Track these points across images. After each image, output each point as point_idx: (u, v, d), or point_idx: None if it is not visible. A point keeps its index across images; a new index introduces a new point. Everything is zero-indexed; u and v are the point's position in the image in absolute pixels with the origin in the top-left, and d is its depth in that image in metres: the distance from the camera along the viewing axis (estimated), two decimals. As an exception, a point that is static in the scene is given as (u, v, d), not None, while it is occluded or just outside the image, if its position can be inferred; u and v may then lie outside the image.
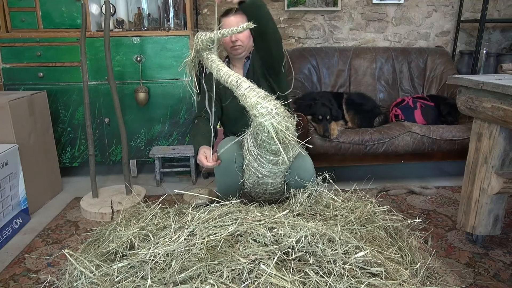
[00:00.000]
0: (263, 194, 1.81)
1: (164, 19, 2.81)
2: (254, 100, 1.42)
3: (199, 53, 1.61)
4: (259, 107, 1.41)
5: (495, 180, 1.71)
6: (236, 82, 1.48)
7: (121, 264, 1.28)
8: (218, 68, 1.54)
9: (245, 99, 1.44)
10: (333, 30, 3.33)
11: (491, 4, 3.32)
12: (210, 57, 1.58)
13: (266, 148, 1.56)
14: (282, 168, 1.69)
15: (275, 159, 1.60)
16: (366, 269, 1.25)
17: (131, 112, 2.72)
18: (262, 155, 1.62)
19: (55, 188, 2.58)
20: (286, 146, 1.54)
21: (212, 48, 1.59)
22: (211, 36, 1.53)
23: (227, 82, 1.51)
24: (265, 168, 1.67)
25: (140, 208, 1.74)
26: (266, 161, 1.64)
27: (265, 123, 1.42)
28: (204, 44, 1.55)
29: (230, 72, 1.51)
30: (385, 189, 2.55)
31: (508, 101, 1.53)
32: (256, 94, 1.43)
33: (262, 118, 1.41)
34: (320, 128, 2.43)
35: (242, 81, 1.47)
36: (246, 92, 1.44)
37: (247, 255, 1.23)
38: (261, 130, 1.48)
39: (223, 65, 1.56)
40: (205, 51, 1.59)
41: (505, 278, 1.66)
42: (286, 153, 1.56)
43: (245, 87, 1.45)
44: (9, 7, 2.63)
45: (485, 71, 3.21)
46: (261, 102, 1.41)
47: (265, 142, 1.52)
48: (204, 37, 1.54)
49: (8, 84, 2.62)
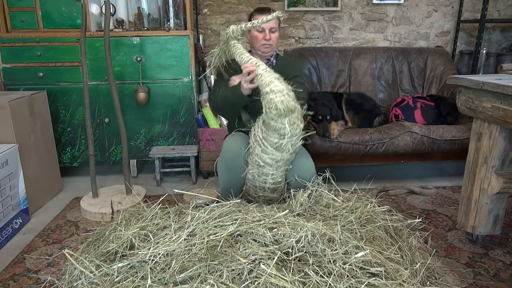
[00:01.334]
0: (262, 189, 1.80)
1: (164, 19, 2.81)
2: (269, 79, 1.58)
3: (228, 42, 1.84)
4: (272, 85, 1.56)
5: (495, 180, 1.71)
6: (256, 63, 1.67)
7: (121, 264, 1.27)
8: (241, 52, 1.76)
9: (261, 78, 1.61)
10: (333, 30, 3.33)
11: (491, 4, 3.32)
12: (236, 45, 1.82)
13: (274, 127, 1.62)
14: (285, 157, 1.70)
15: (280, 142, 1.65)
16: (366, 269, 1.25)
17: (131, 112, 2.72)
18: (267, 138, 1.66)
19: (55, 188, 2.58)
20: (292, 128, 1.61)
21: (240, 39, 1.84)
22: (241, 27, 1.78)
23: (248, 63, 1.70)
24: (268, 154, 1.69)
25: (140, 208, 1.74)
26: (270, 145, 1.67)
27: (276, 99, 1.54)
28: (234, 34, 1.81)
29: (251, 57, 1.72)
30: (385, 189, 2.55)
31: (508, 101, 1.53)
32: (272, 74, 1.61)
33: (273, 94, 1.55)
34: (320, 128, 2.43)
35: (261, 63, 1.67)
36: (263, 72, 1.62)
37: (247, 255, 1.23)
38: (270, 107, 1.57)
39: (245, 51, 1.78)
40: (233, 40, 1.83)
41: (505, 278, 1.66)
42: (290, 137, 1.63)
43: (262, 68, 1.64)
44: (9, 7, 2.63)
45: (485, 71, 3.21)
46: (275, 81, 1.58)
47: (272, 120, 1.60)
48: (235, 27, 1.80)
49: (8, 84, 2.62)
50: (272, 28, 1.94)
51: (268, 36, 1.93)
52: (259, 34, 1.93)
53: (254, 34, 1.95)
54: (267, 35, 1.92)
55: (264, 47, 1.95)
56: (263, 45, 1.95)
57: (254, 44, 1.98)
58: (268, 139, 1.66)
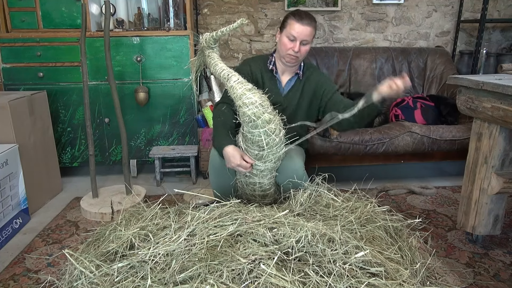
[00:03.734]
0: (252, 196, 1.80)
1: (164, 19, 2.81)
2: (240, 91, 1.52)
3: (203, 52, 1.75)
4: (244, 98, 1.51)
5: (495, 180, 1.71)
6: (227, 75, 1.58)
7: (121, 264, 1.27)
8: (215, 63, 1.66)
9: (233, 91, 1.54)
10: (333, 30, 3.33)
11: (491, 4, 3.32)
12: (210, 55, 1.70)
13: (251, 140, 1.59)
14: (269, 166, 1.68)
15: (260, 153, 1.62)
16: (366, 269, 1.25)
17: (131, 112, 2.72)
18: (248, 149, 1.64)
19: (55, 188, 2.58)
20: (270, 140, 1.57)
21: (214, 47, 1.73)
22: (213, 35, 1.67)
23: (220, 75, 1.62)
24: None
25: (140, 208, 1.74)
26: (253, 156, 1.65)
27: (248, 112, 1.50)
28: (207, 43, 1.70)
29: (224, 67, 1.62)
30: (385, 189, 2.55)
31: (508, 101, 1.53)
32: (243, 86, 1.53)
33: (246, 108, 1.50)
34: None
35: (233, 75, 1.58)
36: (234, 84, 1.54)
37: (247, 255, 1.23)
38: (245, 120, 1.54)
39: (220, 61, 1.67)
40: (208, 50, 1.72)
41: (505, 278, 1.66)
42: (270, 147, 1.59)
43: (234, 80, 1.55)
44: (9, 7, 2.63)
45: (485, 71, 3.21)
46: (246, 93, 1.51)
47: (249, 133, 1.57)
48: (208, 36, 1.69)
49: (8, 84, 2.62)
50: (305, 40, 1.72)
51: (297, 48, 1.71)
52: (288, 42, 1.73)
53: (283, 39, 1.74)
54: (296, 47, 1.71)
55: (289, 57, 1.76)
56: (289, 55, 1.75)
57: (281, 50, 1.78)
58: (249, 151, 1.64)
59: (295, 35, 1.71)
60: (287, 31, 1.74)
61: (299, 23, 1.70)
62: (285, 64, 1.83)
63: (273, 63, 1.87)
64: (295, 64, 1.83)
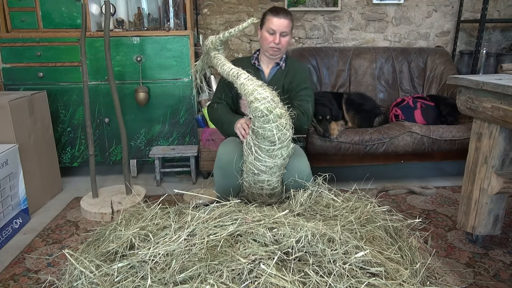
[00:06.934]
0: (260, 195, 1.81)
1: (164, 19, 2.81)
2: (252, 88, 1.56)
3: (208, 54, 1.82)
4: (256, 93, 1.55)
5: (495, 180, 1.71)
6: (236, 73, 1.63)
7: (121, 264, 1.27)
8: (222, 64, 1.72)
9: (244, 87, 1.58)
10: (333, 30, 3.33)
11: (491, 4, 3.32)
12: (217, 56, 1.78)
13: (262, 135, 1.61)
14: (278, 163, 1.70)
15: (271, 148, 1.64)
16: (366, 269, 1.25)
17: (131, 112, 2.72)
18: (259, 145, 1.66)
19: (55, 188, 2.58)
20: (281, 134, 1.60)
21: (219, 49, 1.82)
22: (219, 37, 1.75)
23: (229, 74, 1.66)
24: (261, 161, 1.69)
25: (140, 208, 1.74)
26: (263, 153, 1.67)
27: (261, 107, 1.53)
28: (213, 45, 1.78)
29: (232, 67, 1.68)
30: (385, 189, 2.55)
31: (508, 101, 1.53)
32: (254, 82, 1.58)
33: (258, 102, 1.53)
34: (320, 128, 2.43)
35: (242, 73, 1.62)
36: (244, 81, 1.59)
37: (247, 255, 1.23)
38: (257, 115, 1.57)
39: (227, 61, 1.73)
40: (213, 51, 1.80)
41: (505, 278, 1.66)
42: (281, 142, 1.63)
43: (244, 77, 1.60)
44: (9, 7, 2.63)
45: (485, 71, 3.21)
46: (258, 89, 1.55)
47: (261, 128, 1.59)
48: (214, 38, 1.76)
49: (8, 84, 2.62)
50: (284, 32, 1.87)
51: (277, 40, 1.86)
52: (269, 36, 1.87)
53: (264, 34, 1.89)
54: (276, 39, 1.85)
55: (272, 50, 1.90)
56: (271, 48, 1.89)
57: (263, 44, 1.93)
58: (260, 147, 1.66)
59: (274, 29, 1.85)
60: (266, 26, 1.89)
61: (276, 17, 1.85)
62: (269, 57, 1.97)
63: (256, 58, 2.03)
64: (278, 56, 1.97)
